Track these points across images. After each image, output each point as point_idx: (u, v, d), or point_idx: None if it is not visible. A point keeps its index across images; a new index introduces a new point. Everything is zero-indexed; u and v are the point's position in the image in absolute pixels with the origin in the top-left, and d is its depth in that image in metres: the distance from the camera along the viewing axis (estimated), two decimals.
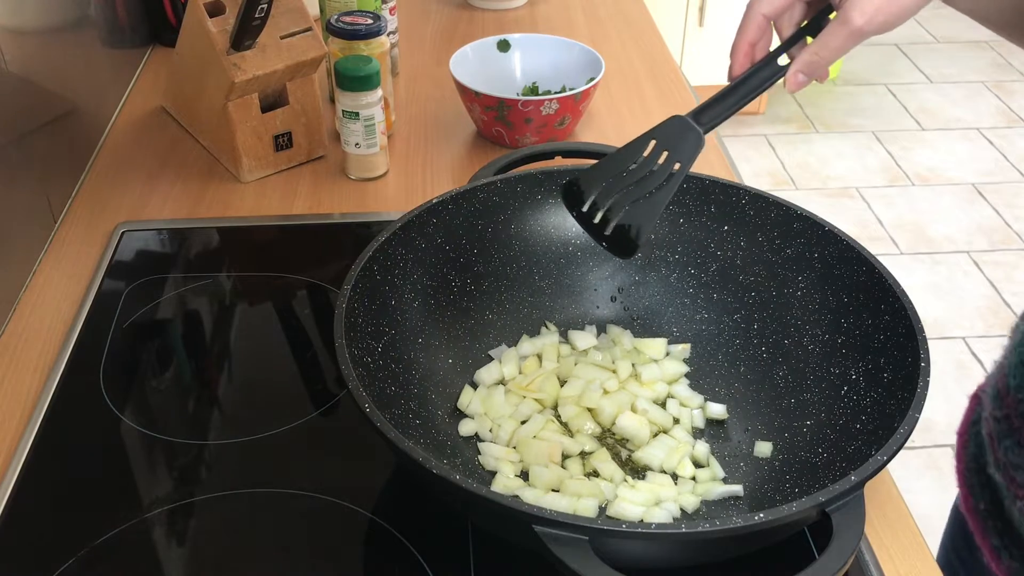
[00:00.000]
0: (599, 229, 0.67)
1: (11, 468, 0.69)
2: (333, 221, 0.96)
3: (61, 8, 1.00)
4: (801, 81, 0.61)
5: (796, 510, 0.52)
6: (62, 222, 0.96)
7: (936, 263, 2.51)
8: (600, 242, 0.67)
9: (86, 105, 1.07)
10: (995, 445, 0.72)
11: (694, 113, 0.65)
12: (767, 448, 0.69)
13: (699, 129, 0.64)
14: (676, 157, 0.65)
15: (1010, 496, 0.70)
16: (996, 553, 0.73)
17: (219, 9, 0.95)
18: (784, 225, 0.75)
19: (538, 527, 0.52)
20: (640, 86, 1.23)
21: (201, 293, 0.87)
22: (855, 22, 0.57)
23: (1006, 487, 0.71)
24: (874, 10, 0.57)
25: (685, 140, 0.64)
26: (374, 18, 1.01)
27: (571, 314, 0.81)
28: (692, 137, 0.64)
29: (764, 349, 0.75)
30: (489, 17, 1.43)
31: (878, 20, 0.57)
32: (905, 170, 2.89)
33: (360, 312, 0.67)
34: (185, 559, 0.64)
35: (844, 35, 0.58)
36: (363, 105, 0.96)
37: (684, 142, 0.64)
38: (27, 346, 0.81)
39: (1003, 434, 0.70)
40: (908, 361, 0.63)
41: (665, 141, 0.65)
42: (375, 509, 0.66)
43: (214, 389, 0.77)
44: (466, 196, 0.77)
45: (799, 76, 0.61)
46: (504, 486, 0.66)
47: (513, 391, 0.74)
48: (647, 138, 0.66)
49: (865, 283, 0.70)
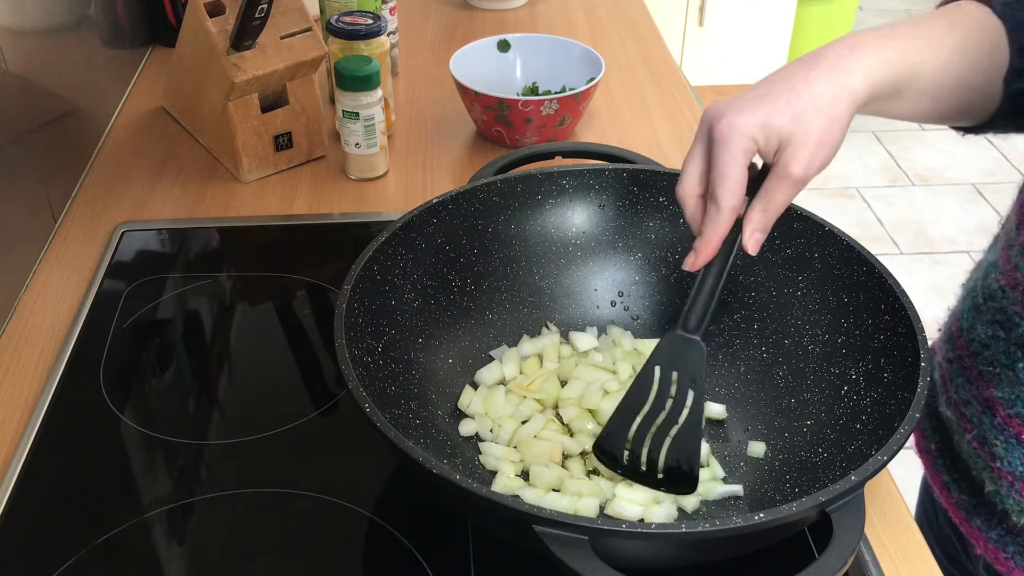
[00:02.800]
0: (650, 476, 0.66)
1: (11, 468, 0.69)
2: (333, 221, 0.96)
3: (61, 8, 1.00)
4: (759, 240, 0.62)
5: (796, 510, 0.52)
6: (62, 222, 0.96)
7: (936, 263, 2.51)
8: (658, 488, 0.66)
9: (86, 105, 1.07)
10: (948, 385, 0.77)
11: (683, 323, 0.64)
12: (760, 448, 0.70)
13: (695, 338, 0.64)
14: (687, 374, 0.64)
15: (959, 431, 0.75)
16: (946, 488, 0.78)
17: (219, 9, 0.95)
18: (784, 225, 0.75)
19: (538, 527, 0.52)
20: (640, 86, 1.23)
21: (201, 293, 0.87)
22: (795, 173, 0.59)
23: (956, 422, 0.76)
24: (808, 160, 0.58)
25: (687, 354, 0.64)
26: (374, 18, 1.01)
27: (571, 314, 0.81)
28: (693, 348, 0.64)
29: (764, 349, 0.75)
30: (489, 17, 1.43)
31: (815, 166, 0.59)
32: (905, 170, 2.89)
33: (360, 312, 0.67)
34: (185, 559, 0.64)
35: (786, 186, 0.59)
36: (363, 105, 0.96)
37: (687, 356, 0.64)
38: (27, 346, 0.81)
39: (955, 373, 0.76)
40: (908, 361, 0.63)
41: (669, 363, 0.65)
42: (375, 509, 0.66)
43: (214, 389, 0.77)
44: (466, 196, 0.77)
45: (756, 235, 0.62)
46: (504, 486, 0.66)
47: (514, 391, 0.74)
48: (651, 366, 0.65)
49: (865, 283, 0.70)
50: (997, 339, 0.70)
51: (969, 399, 0.74)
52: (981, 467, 0.73)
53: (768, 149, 0.59)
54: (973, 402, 0.73)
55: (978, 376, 0.73)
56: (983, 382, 0.72)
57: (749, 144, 0.59)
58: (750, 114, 0.59)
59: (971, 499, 0.76)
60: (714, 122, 0.60)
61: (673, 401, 0.64)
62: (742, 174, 0.60)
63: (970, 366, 0.74)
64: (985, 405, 0.72)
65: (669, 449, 0.64)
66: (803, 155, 0.58)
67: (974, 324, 0.74)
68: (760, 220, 0.61)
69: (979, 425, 0.73)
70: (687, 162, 0.63)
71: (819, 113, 0.58)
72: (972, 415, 0.73)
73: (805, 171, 0.59)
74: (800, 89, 0.59)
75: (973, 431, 0.73)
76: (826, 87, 0.59)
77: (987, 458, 0.72)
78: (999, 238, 0.75)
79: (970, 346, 0.74)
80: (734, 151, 0.59)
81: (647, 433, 0.65)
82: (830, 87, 0.59)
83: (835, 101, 0.59)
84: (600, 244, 0.81)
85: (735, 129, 0.59)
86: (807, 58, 0.61)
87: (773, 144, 0.59)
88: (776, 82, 0.60)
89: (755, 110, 0.59)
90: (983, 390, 0.72)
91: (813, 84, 0.59)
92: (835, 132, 0.59)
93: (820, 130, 0.58)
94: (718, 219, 0.61)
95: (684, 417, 0.64)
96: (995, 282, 0.71)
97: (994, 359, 0.71)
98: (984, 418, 0.72)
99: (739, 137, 0.59)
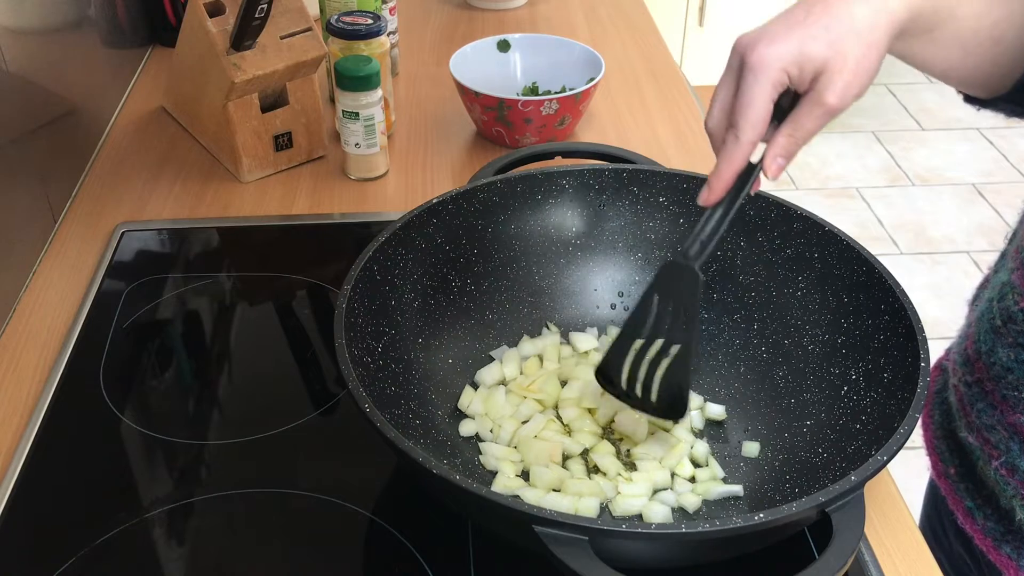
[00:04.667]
0: (644, 402, 0.67)
1: (11, 468, 0.69)
2: (333, 221, 0.96)
3: (61, 8, 1.00)
4: (781, 166, 0.60)
5: (796, 510, 0.52)
6: (62, 222, 0.96)
7: (936, 263, 2.51)
8: (651, 413, 0.67)
9: (86, 105, 1.07)
10: (967, 409, 0.74)
11: (683, 251, 0.64)
12: (755, 448, 0.70)
13: (691, 265, 0.63)
14: (681, 302, 0.64)
15: (984, 457, 0.72)
16: (970, 514, 0.75)
17: (219, 9, 0.95)
18: (784, 225, 0.75)
19: (538, 527, 0.52)
20: (640, 86, 1.23)
21: (201, 293, 0.87)
22: (829, 102, 0.57)
23: (980, 448, 0.73)
24: (844, 88, 0.57)
25: (682, 282, 0.64)
26: (374, 18, 1.01)
27: (571, 314, 0.81)
28: (688, 276, 0.63)
29: (764, 349, 0.75)
30: (489, 17, 1.43)
31: (851, 94, 0.57)
32: (905, 170, 2.89)
33: (360, 312, 0.67)
34: (185, 559, 0.64)
35: (819, 115, 0.58)
36: (363, 105, 0.96)
37: (682, 285, 0.64)
38: (27, 346, 0.81)
39: (975, 398, 0.73)
40: (908, 361, 0.63)
41: (665, 291, 0.65)
42: (375, 509, 0.66)
43: (214, 389, 0.77)
44: (466, 196, 0.77)
45: (779, 160, 0.60)
46: (504, 486, 0.66)
47: (514, 391, 0.74)
48: (649, 295, 0.66)
49: (865, 283, 0.70)
50: (1021, 363, 0.68)
51: (994, 424, 0.71)
52: (1011, 495, 0.71)
53: (803, 79, 0.57)
54: (998, 428, 0.70)
55: (1002, 400, 0.70)
56: (1007, 407, 0.69)
57: (781, 76, 0.57)
58: (783, 43, 0.56)
59: (998, 525, 0.73)
60: (747, 52, 0.58)
61: (668, 330, 0.65)
62: (767, 108, 0.58)
63: (992, 390, 0.71)
64: (1012, 431, 0.69)
65: (662, 377, 0.65)
66: (839, 83, 0.56)
67: (994, 347, 0.70)
68: (785, 146, 0.59)
69: (1007, 452, 0.70)
70: (716, 93, 0.61)
71: (857, 38, 0.56)
72: (998, 441, 0.71)
73: (840, 100, 0.57)
74: (837, 12, 0.57)
75: (1000, 458, 0.71)
76: (864, 9, 0.57)
77: (1017, 485, 0.70)
78: (1008, 255, 0.72)
79: (991, 370, 0.71)
80: (763, 83, 0.57)
81: (643, 360, 0.66)
82: (869, 9, 0.57)
83: (874, 24, 0.57)
84: (600, 244, 0.81)
85: (767, 60, 0.56)
86: None
87: (808, 74, 0.57)
88: (812, 4, 0.58)
89: (788, 38, 0.57)
90: (1008, 415, 0.70)
91: (851, 4, 0.57)
92: (872, 59, 0.57)
93: (857, 57, 0.56)
94: (735, 151, 0.59)
95: (678, 346, 0.64)
96: (1014, 304, 0.68)
97: (1019, 384, 0.68)
98: (1012, 444, 0.69)
99: (771, 69, 0.57)
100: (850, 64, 0.56)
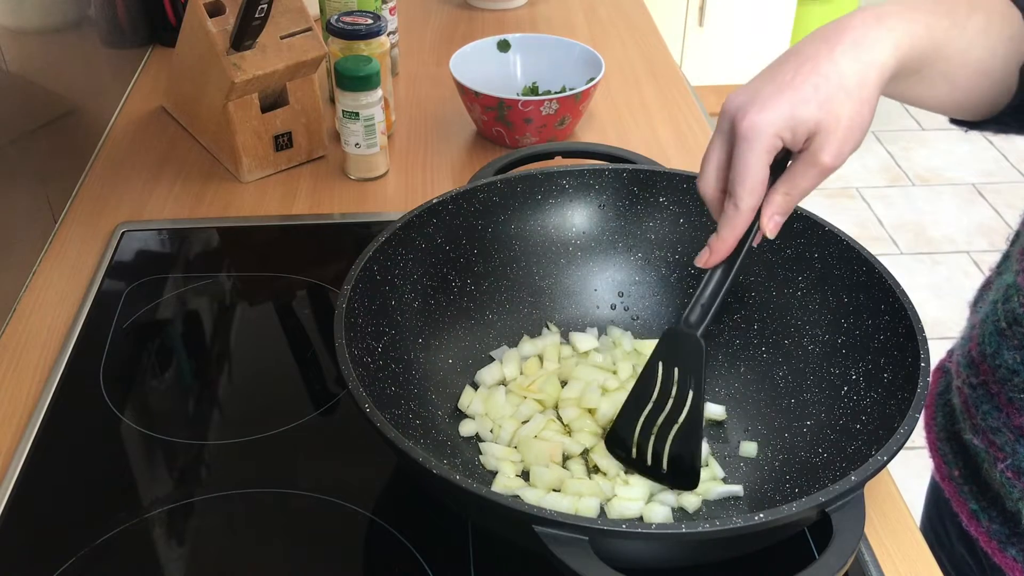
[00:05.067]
0: (655, 470, 0.66)
1: (11, 468, 0.69)
2: (333, 221, 0.96)
3: (61, 8, 1.00)
4: (778, 223, 0.60)
5: (796, 510, 0.52)
6: (62, 222, 0.96)
7: (936, 263, 2.51)
8: (662, 482, 0.66)
9: (86, 105, 1.07)
10: (972, 412, 0.73)
11: (684, 318, 0.64)
12: (752, 448, 0.70)
13: (693, 333, 0.63)
14: (687, 370, 0.64)
15: (990, 459, 0.72)
16: (975, 517, 0.75)
17: (219, 9, 0.95)
18: (784, 225, 0.74)
19: (538, 527, 0.52)
20: (640, 86, 1.23)
21: (201, 293, 0.87)
22: (825, 162, 0.57)
23: (986, 451, 0.72)
24: (838, 148, 0.56)
25: (686, 350, 0.64)
26: (374, 18, 1.01)
27: (571, 314, 0.81)
28: (691, 344, 0.63)
29: (764, 349, 0.75)
30: (489, 17, 1.43)
31: (845, 153, 0.57)
32: (905, 170, 2.89)
33: (360, 312, 0.67)
34: (185, 559, 0.64)
35: (815, 174, 0.58)
36: (363, 105, 0.96)
37: (686, 353, 0.64)
38: (27, 346, 0.81)
39: (980, 400, 0.72)
40: (908, 361, 0.63)
41: (670, 358, 0.65)
42: (375, 509, 0.66)
43: (214, 389, 0.77)
44: (466, 196, 0.77)
45: (776, 219, 0.60)
46: (504, 486, 0.66)
47: (514, 391, 0.74)
48: (655, 363, 0.65)
49: (865, 283, 0.70)
50: None
51: (999, 427, 0.70)
52: (1017, 497, 0.70)
53: (796, 141, 0.57)
54: (1004, 430, 0.70)
55: (1008, 403, 0.69)
56: (1013, 409, 0.69)
57: (774, 142, 0.57)
58: (774, 109, 0.56)
59: (1004, 528, 0.73)
60: (737, 118, 0.57)
61: (675, 397, 0.65)
62: (764, 173, 0.57)
63: (997, 392, 0.70)
64: (1019, 433, 0.69)
65: (672, 444, 0.65)
66: (834, 144, 0.56)
67: (999, 349, 0.70)
68: (782, 204, 0.59)
69: (1013, 455, 0.70)
70: (707, 157, 0.60)
71: (847, 96, 0.56)
72: (1004, 444, 0.70)
73: (835, 160, 0.57)
74: (826, 71, 0.56)
75: (1007, 460, 0.70)
76: (853, 64, 0.56)
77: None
78: (1012, 257, 0.72)
79: (996, 372, 0.70)
80: (758, 151, 0.56)
81: (652, 428, 0.66)
82: (858, 64, 0.56)
83: (863, 80, 0.56)
84: (600, 244, 0.81)
85: (759, 128, 0.56)
86: (830, 31, 0.58)
87: (801, 136, 0.56)
88: (800, 63, 0.57)
89: (779, 103, 0.56)
90: (1014, 418, 0.69)
91: (839, 62, 0.56)
92: (865, 115, 0.57)
93: (850, 115, 0.56)
94: (736, 219, 0.59)
95: (684, 414, 0.64)
96: (1019, 306, 0.68)
97: None
98: (1019, 447, 0.69)
99: (764, 136, 0.56)
100: (843, 123, 0.56)
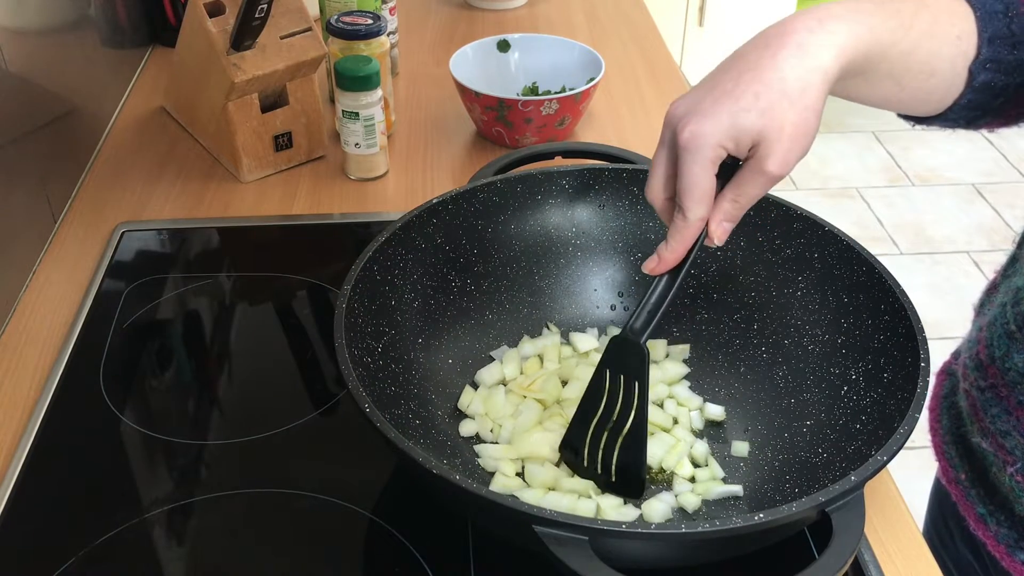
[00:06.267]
0: (605, 477, 0.66)
1: (11, 468, 0.69)
2: (333, 221, 0.96)
3: (61, 8, 1.00)
4: (727, 229, 0.59)
5: (796, 510, 0.52)
6: (62, 222, 0.96)
7: (936, 263, 2.51)
8: (611, 491, 0.66)
9: (86, 105, 1.07)
10: (980, 415, 0.73)
11: (629, 326, 0.63)
12: (744, 448, 0.70)
13: (637, 341, 0.63)
14: (632, 377, 0.64)
15: (999, 463, 0.71)
16: (982, 520, 0.74)
17: (219, 9, 0.95)
18: (784, 225, 0.75)
19: (538, 527, 0.52)
20: (640, 86, 1.23)
21: (201, 293, 0.87)
22: (770, 171, 0.56)
23: (994, 454, 0.72)
24: (783, 156, 0.55)
25: (630, 357, 0.64)
26: (374, 18, 1.01)
27: (571, 314, 0.81)
28: (634, 351, 0.63)
29: (764, 349, 0.75)
30: (489, 17, 1.43)
31: (791, 161, 0.56)
32: (905, 170, 2.89)
33: (360, 312, 0.67)
34: (185, 559, 0.64)
35: (762, 182, 0.57)
36: (363, 105, 0.96)
37: (630, 360, 0.64)
38: (27, 346, 0.81)
39: (989, 403, 0.71)
40: (908, 361, 0.63)
41: (616, 366, 0.65)
42: (375, 509, 0.66)
43: (214, 389, 0.77)
44: (466, 196, 0.77)
45: (724, 225, 0.59)
46: (504, 486, 0.66)
47: (514, 391, 0.74)
48: (601, 371, 0.65)
49: (865, 283, 0.70)
50: None
51: (1009, 430, 0.70)
52: None
53: (740, 149, 0.56)
54: (1014, 433, 0.69)
55: (1017, 406, 0.69)
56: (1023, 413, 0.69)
57: (717, 152, 0.56)
58: (713, 120, 0.55)
59: (1012, 532, 0.72)
60: (678, 130, 0.56)
61: (621, 405, 0.65)
62: (710, 183, 0.57)
63: (1007, 396, 0.69)
64: None
65: (619, 453, 0.65)
66: (779, 152, 0.55)
67: (1009, 352, 0.69)
68: (730, 211, 0.59)
69: (1023, 458, 0.69)
70: (653, 166, 0.60)
71: (791, 104, 0.55)
72: (1013, 447, 0.69)
73: (781, 168, 0.56)
74: (768, 78, 0.55)
75: (1016, 464, 0.69)
76: (796, 70, 0.55)
77: None
78: (1021, 260, 0.71)
79: (1006, 375, 0.69)
80: (701, 162, 0.56)
81: (601, 437, 0.65)
82: (801, 70, 0.55)
83: (806, 87, 0.55)
84: (600, 244, 0.81)
85: (700, 139, 0.55)
86: (772, 35, 0.57)
87: (745, 144, 0.56)
88: (742, 70, 0.56)
89: (718, 113, 0.55)
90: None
91: (782, 67, 0.55)
92: (810, 121, 0.56)
93: (794, 123, 0.55)
94: (686, 230, 0.59)
95: (629, 422, 0.64)
96: None
97: None
98: None
99: (706, 147, 0.55)
100: (787, 131, 0.55)
